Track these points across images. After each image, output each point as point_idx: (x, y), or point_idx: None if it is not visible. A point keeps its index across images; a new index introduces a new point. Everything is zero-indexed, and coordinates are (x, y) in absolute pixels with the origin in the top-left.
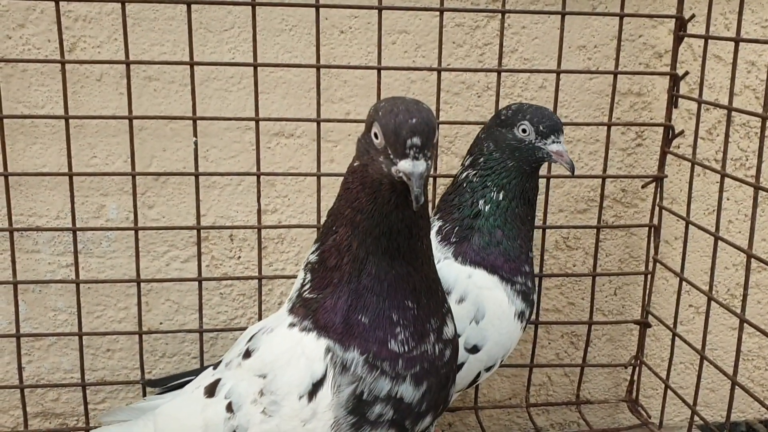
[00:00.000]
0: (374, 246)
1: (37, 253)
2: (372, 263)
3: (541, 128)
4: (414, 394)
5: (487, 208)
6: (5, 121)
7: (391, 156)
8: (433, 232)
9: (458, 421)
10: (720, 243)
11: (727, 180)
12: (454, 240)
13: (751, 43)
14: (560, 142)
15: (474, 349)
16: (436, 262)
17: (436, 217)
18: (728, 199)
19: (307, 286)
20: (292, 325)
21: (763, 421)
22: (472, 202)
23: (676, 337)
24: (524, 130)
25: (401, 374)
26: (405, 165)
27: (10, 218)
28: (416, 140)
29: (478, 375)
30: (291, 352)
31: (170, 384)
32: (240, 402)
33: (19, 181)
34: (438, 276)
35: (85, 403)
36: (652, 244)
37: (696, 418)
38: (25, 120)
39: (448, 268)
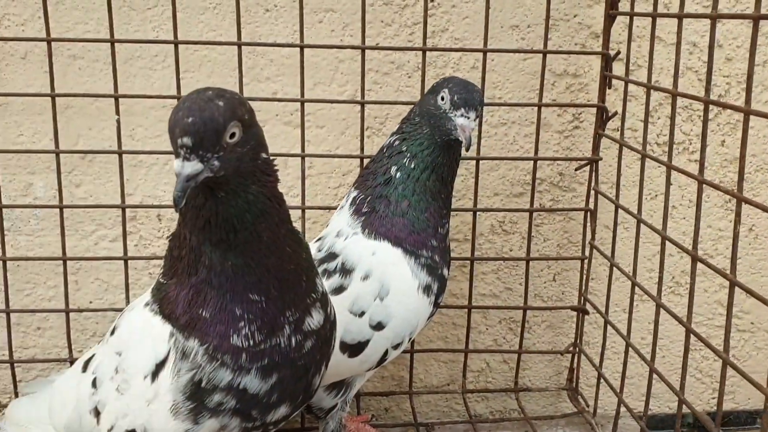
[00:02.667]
0: (203, 237)
1: None
2: (206, 255)
3: (455, 99)
4: (260, 385)
5: (398, 175)
6: None
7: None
8: (348, 203)
9: (395, 406)
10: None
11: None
12: (365, 210)
13: (692, 24)
14: (469, 118)
15: (379, 326)
16: (344, 238)
17: (354, 186)
18: (672, 184)
19: (162, 270)
20: (146, 304)
21: (710, 413)
22: (386, 168)
23: (610, 325)
24: (443, 98)
25: (245, 367)
26: (175, 164)
27: None
28: (186, 140)
29: (386, 353)
30: (141, 333)
31: None
32: (102, 378)
33: None
34: (302, 265)
35: (14, 380)
36: (588, 229)
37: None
38: None
39: (354, 244)
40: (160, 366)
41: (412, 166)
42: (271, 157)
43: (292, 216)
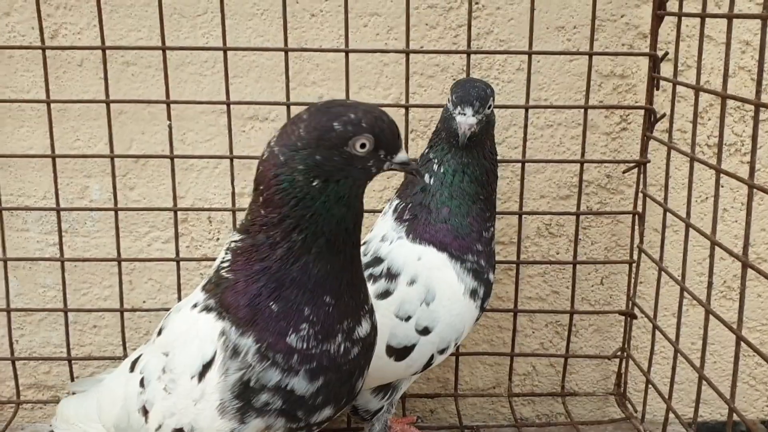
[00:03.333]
0: (319, 240)
1: (26, 231)
2: (311, 257)
3: (454, 98)
4: (307, 387)
5: (432, 182)
6: None
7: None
8: (390, 209)
9: (440, 408)
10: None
11: (723, 166)
12: (407, 218)
13: (745, 22)
14: (465, 114)
15: (425, 331)
16: (389, 242)
17: (396, 194)
18: (723, 186)
19: (226, 265)
20: (194, 305)
21: (765, 421)
22: (421, 177)
23: (658, 330)
24: (449, 100)
25: (294, 368)
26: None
27: None
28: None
29: (432, 357)
30: (188, 333)
31: None
32: (149, 378)
33: (8, 162)
34: (362, 276)
35: (72, 377)
36: (636, 232)
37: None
38: (13, 104)
39: (399, 248)
40: (206, 366)
41: (442, 171)
42: None
43: None
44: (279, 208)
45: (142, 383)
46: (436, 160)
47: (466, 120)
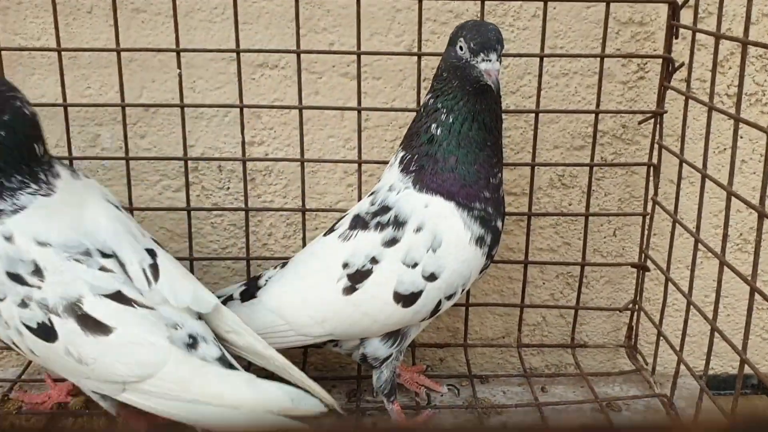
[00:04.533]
0: None
1: None
2: None
3: (472, 45)
4: None
5: (439, 131)
6: (3, 53)
7: None
8: (396, 161)
9: (449, 357)
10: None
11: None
12: (413, 169)
13: None
14: (491, 60)
15: (432, 277)
16: (396, 191)
17: (401, 147)
18: (742, 137)
19: None
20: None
21: None
22: (427, 127)
23: (671, 282)
24: (461, 48)
25: None
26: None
27: None
28: None
29: (439, 303)
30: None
31: None
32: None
33: None
34: None
35: None
36: (651, 184)
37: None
38: (23, 52)
39: (407, 197)
40: None
41: (451, 120)
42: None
43: (349, 168)
44: None
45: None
46: (444, 110)
47: (494, 66)
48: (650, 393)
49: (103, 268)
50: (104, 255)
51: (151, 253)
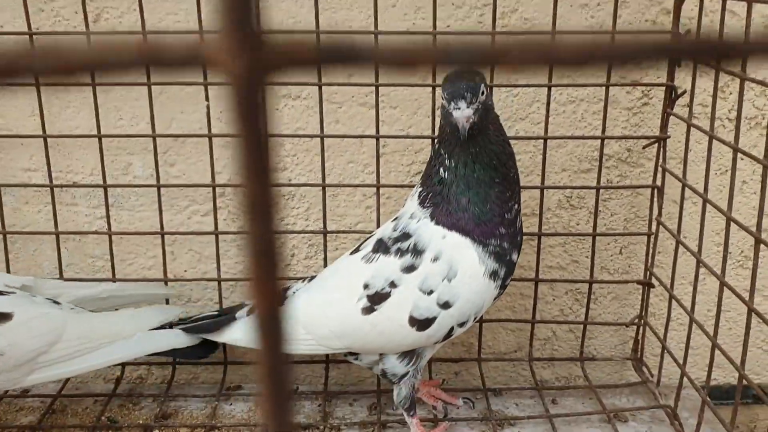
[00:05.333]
0: None
1: (75, 206)
2: None
3: (446, 95)
4: None
5: (446, 175)
6: (41, 88)
7: None
8: (415, 195)
9: (464, 371)
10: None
11: (741, 141)
12: (428, 205)
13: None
14: (459, 108)
15: (446, 305)
16: (416, 220)
17: (420, 182)
18: (742, 159)
19: None
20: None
21: None
22: (436, 170)
23: (675, 299)
24: (443, 97)
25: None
26: None
27: (50, 175)
28: None
29: (452, 329)
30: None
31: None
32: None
33: (56, 141)
34: None
35: None
36: (655, 205)
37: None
38: (59, 87)
39: (425, 227)
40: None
41: (453, 164)
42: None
43: (368, 192)
44: None
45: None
46: (446, 155)
47: (462, 114)
48: (655, 404)
49: None
50: None
51: None
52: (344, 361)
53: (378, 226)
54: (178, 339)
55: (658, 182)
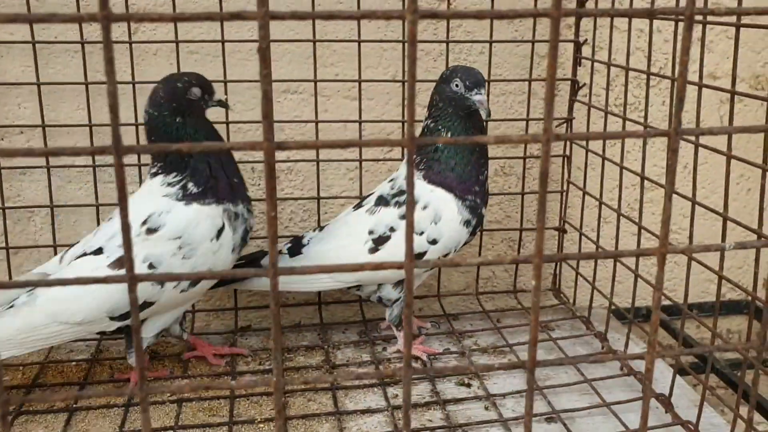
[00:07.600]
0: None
1: (112, 183)
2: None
3: (467, 83)
4: None
5: (440, 144)
6: (90, 87)
7: None
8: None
9: (426, 306)
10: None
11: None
12: (422, 167)
13: (641, 18)
14: (482, 94)
15: (433, 242)
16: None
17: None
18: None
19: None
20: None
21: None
22: None
23: (584, 236)
24: (457, 85)
25: None
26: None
27: (93, 157)
28: None
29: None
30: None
31: None
32: (160, 260)
33: (99, 129)
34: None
35: None
36: (566, 170)
37: (609, 300)
38: (102, 85)
39: (418, 184)
40: (220, 231)
41: (449, 135)
42: (334, 123)
43: (351, 166)
44: None
45: (151, 266)
46: (444, 129)
47: (483, 97)
48: (572, 316)
49: None
50: None
51: None
52: (333, 302)
53: (361, 194)
54: None
55: (568, 152)
